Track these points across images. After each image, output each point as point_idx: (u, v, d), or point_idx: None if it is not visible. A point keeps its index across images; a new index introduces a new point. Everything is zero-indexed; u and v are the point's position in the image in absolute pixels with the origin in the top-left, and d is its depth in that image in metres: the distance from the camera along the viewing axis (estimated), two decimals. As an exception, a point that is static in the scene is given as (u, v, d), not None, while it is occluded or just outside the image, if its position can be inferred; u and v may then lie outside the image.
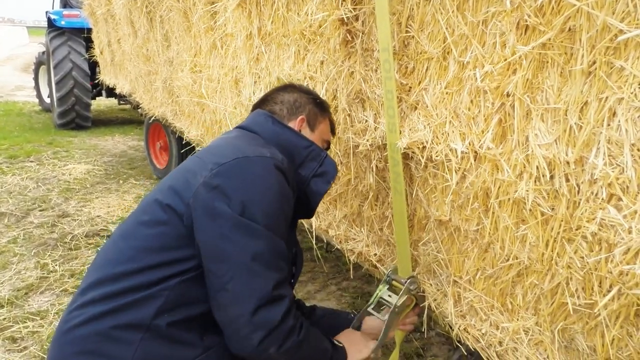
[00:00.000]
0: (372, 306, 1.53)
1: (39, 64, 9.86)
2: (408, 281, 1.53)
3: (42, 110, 10.42)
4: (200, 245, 1.11)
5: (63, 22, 8.02)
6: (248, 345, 1.07)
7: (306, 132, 1.46)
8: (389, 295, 1.54)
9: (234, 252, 1.08)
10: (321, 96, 1.71)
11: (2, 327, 2.78)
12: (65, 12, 8.24)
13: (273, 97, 1.50)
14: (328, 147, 1.58)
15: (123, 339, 1.08)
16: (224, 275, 1.08)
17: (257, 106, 1.51)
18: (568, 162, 1.05)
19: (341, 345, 1.36)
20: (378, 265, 1.86)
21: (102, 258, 1.20)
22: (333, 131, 1.60)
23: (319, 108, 1.51)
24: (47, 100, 9.72)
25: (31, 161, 6.29)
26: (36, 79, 10.16)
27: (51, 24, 8.13)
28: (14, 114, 9.99)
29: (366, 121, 1.66)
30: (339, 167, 1.89)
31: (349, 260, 2.00)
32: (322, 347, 1.27)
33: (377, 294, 1.56)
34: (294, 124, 1.44)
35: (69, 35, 8.05)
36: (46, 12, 8.47)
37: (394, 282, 1.57)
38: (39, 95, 10.37)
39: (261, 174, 1.16)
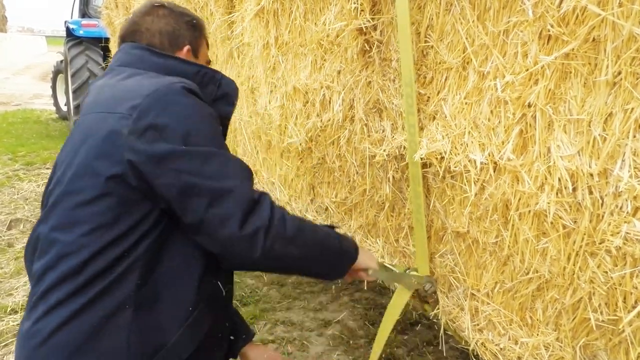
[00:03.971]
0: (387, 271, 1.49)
1: (56, 73, 10.01)
2: (425, 277, 1.55)
3: (59, 118, 10.56)
4: (162, 193, 1.03)
5: (81, 32, 8.14)
6: (252, 256, 1.04)
7: (192, 60, 1.33)
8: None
9: (198, 181, 1.02)
10: (330, 104, 1.71)
11: (15, 332, 2.80)
12: (84, 21, 8.36)
13: (147, 27, 1.31)
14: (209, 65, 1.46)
15: (111, 326, 1.01)
16: (199, 207, 1.02)
17: (125, 38, 1.32)
18: (591, 174, 1.03)
19: (349, 235, 1.32)
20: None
21: (49, 259, 1.05)
22: (208, 46, 1.47)
23: (198, 31, 1.38)
24: (64, 108, 9.85)
25: (47, 168, 6.36)
26: (54, 87, 10.31)
27: (70, 33, 8.26)
28: (32, 122, 10.13)
29: (383, 131, 1.65)
30: (355, 177, 1.88)
31: (364, 271, 1.98)
32: (322, 231, 1.22)
33: (394, 274, 1.52)
34: (179, 55, 1.31)
35: (87, 44, 8.16)
36: (65, 22, 8.62)
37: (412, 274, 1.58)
38: (56, 104, 10.51)
39: (182, 100, 1.08)
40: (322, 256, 1.22)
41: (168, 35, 1.31)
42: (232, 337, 1.37)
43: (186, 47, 1.33)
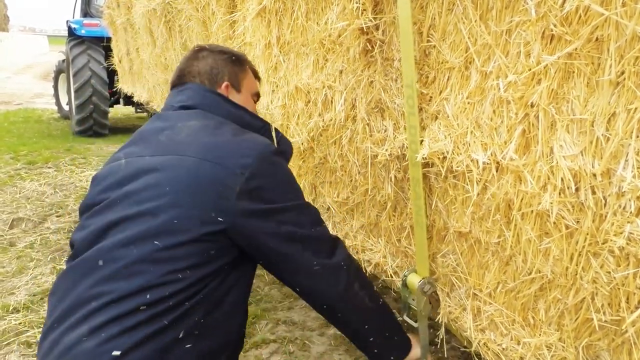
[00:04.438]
0: (405, 314, 1.62)
1: (58, 72, 10.03)
2: (421, 282, 1.55)
3: (60, 118, 10.58)
4: (264, 242, 1.19)
5: (83, 31, 8.16)
6: (338, 287, 1.25)
7: (234, 96, 1.44)
8: (413, 299, 1.59)
9: (296, 230, 1.22)
10: (332, 104, 1.70)
11: (17, 331, 2.80)
12: (86, 21, 8.39)
13: (190, 70, 1.43)
14: (258, 98, 1.58)
15: (178, 350, 1.10)
16: (297, 251, 1.22)
17: (177, 82, 1.45)
18: (594, 174, 1.02)
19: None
20: (394, 277, 1.84)
21: (132, 286, 1.09)
22: (257, 76, 1.58)
23: (238, 65, 1.47)
24: (66, 108, 9.87)
25: (49, 167, 6.37)
26: (55, 86, 10.33)
27: (71, 32, 8.28)
28: (33, 121, 10.15)
29: (385, 131, 1.65)
30: (356, 177, 1.87)
31: (366, 271, 1.98)
32: (381, 300, 1.41)
33: (404, 300, 1.62)
34: (220, 91, 1.41)
35: (89, 44, 8.19)
36: (67, 22, 8.63)
37: (408, 282, 1.60)
38: (57, 103, 10.53)
39: (280, 164, 1.29)
40: (385, 322, 1.39)
41: (207, 74, 1.42)
42: None
43: (224, 84, 1.43)
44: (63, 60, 9.53)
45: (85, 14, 9.20)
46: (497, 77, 1.22)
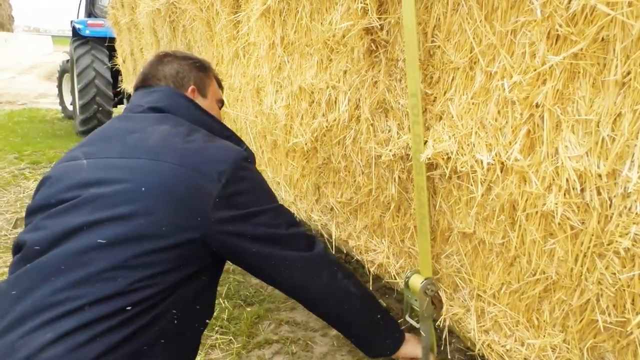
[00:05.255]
0: (407, 314, 1.61)
1: (62, 72, 10.05)
2: (423, 283, 1.55)
3: (64, 118, 10.60)
4: (239, 246, 1.21)
5: (87, 32, 8.18)
6: (323, 278, 1.28)
7: (200, 101, 1.47)
8: (415, 300, 1.58)
9: (272, 231, 1.24)
10: (336, 104, 1.70)
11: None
12: (90, 21, 8.41)
13: (154, 74, 1.46)
14: (222, 105, 1.63)
15: (149, 356, 1.10)
16: (274, 252, 1.23)
17: (140, 85, 1.48)
18: (600, 175, 1.02)
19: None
20: (398, 278, 1.83)
21: (101, 292, 1.04)
22: (220, 85, 1.62)
23: (203, 71, 1.51)
24: (70, 108, 9.89)
25: (53, 167, 6.38)
26: (59, 86, 10.36)
27: (76, 33, 8.30)
28: (37, 121, 10.18)
29: (389, 131, 1.64)
30: (360, 177, 1.87)
31: (369, 271, 1.98)
32: (371, 296, 1.43)
33: (407, 301, 1.61)
34: (187, 95, 1.44)
35: (93, 44, 8.21)
36: (71, 22, 8.66)
37: (410, 283, 1.59)
38: (61, 103, 10.56)
39: (252, 169, 1.32)
40: (373, 309, 1.41)
41: (172, 78, 1.44)
42: None
43: (191, 87, 1.46)
44: (67, 61, 9.56)
45: (90, 14, 9.23)
46: (502, 78, 1.21)
